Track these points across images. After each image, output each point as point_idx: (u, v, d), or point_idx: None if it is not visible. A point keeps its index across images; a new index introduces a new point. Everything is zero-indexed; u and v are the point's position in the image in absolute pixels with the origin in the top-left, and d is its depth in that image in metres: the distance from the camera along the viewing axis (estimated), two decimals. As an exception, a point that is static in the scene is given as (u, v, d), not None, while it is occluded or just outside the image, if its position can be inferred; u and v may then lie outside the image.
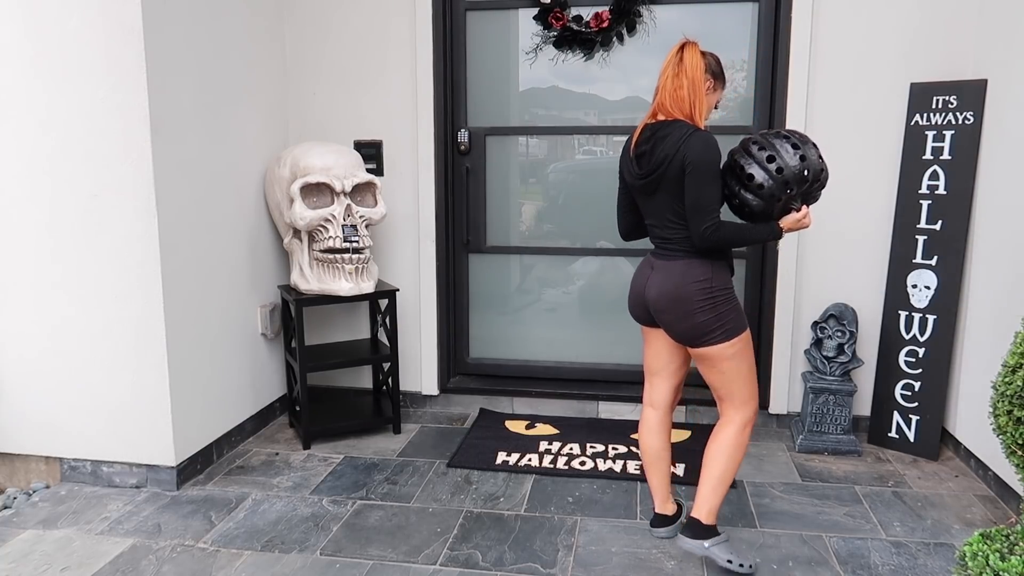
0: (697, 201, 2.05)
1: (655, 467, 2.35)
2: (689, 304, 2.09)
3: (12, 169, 2.63)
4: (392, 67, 3.38)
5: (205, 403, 2.88)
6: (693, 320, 2.09)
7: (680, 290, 2.10)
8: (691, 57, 2.11)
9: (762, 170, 2.06)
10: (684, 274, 2.10)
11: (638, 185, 2.16)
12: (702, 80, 2.12)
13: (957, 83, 2.89)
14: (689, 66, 2.10)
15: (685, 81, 2.11)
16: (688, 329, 2.11)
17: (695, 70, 2.11)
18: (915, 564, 2.25)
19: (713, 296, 2.09)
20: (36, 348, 2.73)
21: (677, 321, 2.12)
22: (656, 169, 2.08)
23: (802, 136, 2.10)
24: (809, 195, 2.14)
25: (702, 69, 2.12)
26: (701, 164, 2.03)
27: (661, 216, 2.15)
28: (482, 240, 3.59)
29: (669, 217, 2.13)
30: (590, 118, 3.45)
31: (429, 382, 3.57)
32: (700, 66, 2.11)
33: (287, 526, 2.48)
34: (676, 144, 2.05)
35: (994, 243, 2.72)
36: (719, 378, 2.17)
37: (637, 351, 3.58)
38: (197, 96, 2.78)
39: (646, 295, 2.19)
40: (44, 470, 2.83)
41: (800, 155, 2.05)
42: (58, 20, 2.51)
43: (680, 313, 2.11)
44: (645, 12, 3.28)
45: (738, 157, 2.11)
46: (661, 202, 2.13)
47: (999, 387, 1.81)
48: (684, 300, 2.09)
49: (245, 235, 3.13)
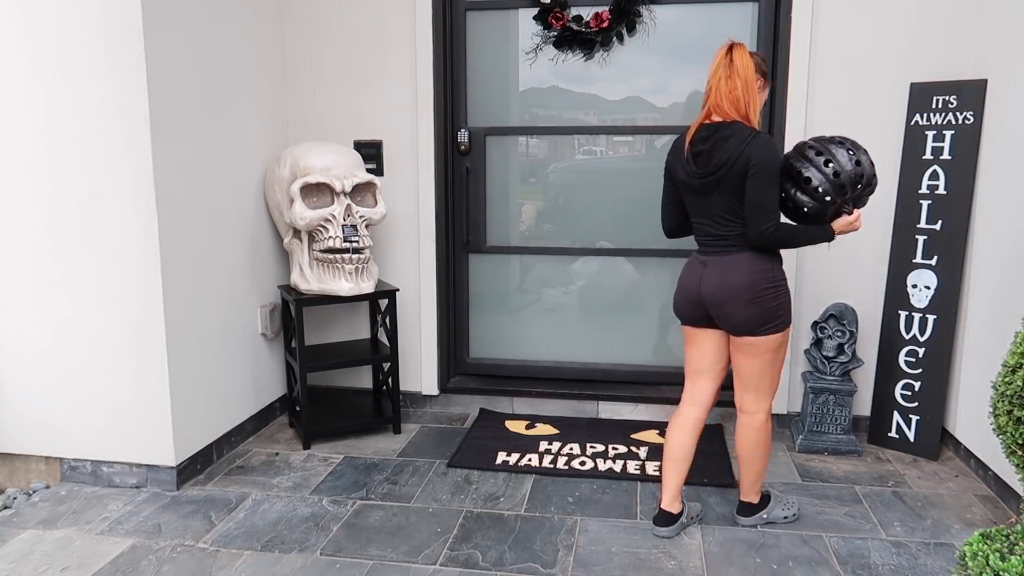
0: (760, 201, 2.13)
1: (677, 465, 2.39)
2: (754, 292, 2.18)
3: (12, 169, 2.63)
4: (392, 67, 3.38)
5: (205, 403, 2.88)
6: (758, 308, 2.19)
7: (749, 278, 2.18)
8: (741, 57, 2.18)
9: (820, 173, 2.14)
10: (751, 264, 2.20)
11: (695, 184, 2.23)
12: (754, 80, 2.19)
13: (957, 83, 2.89)
14: (740, 66, 2.17)
15: (739, 81, 2.17)
16: (751, 316, 2.20)
17: (747, 70, 2.18)
18: (915, 564, 2.25)
19: (776, 286, 2.20)
20: (36, 348, 2.73)
21: (739, 310, 2.21)
22: (718, 170, 2.17)
23: (855, 143, 2.19)
24: (860, 199, 2.22)
25: (752, 69, 2.19)
26: (765, 166, 2.11)
27: (714, 215, 2.23)
28: (482, 240, 3.59)
29: (724, 215, 2.21)
30: (590, 118, 3.45)
31: (429, 382, 3.57)
32: (751, 66, 2.19)
33: (287, 526, 2.48)
34: (739, 146, 2.13)
35: (994, 243, 2.72)
36: (759, 368, 2.28)
37: (637, 351, 3.59)
38: (197, 96, 2.78)
39: (701, 291, 2.26)
40: (44, 470, 2.83)
41: (855, 160, 2.13)
42: (58, 20, 2.51)
43: (743, 302, 2.19)
44: (645, 12, 3.28)
45: (794, 160, 2.19)
46: (717, 201, 2.21)
47: (999, 387, 1.81)
48: (750, 288, 2.18)
49: (245, 235, 3.13)
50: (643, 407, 3.43)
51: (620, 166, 3.47)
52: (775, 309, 2.20)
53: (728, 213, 2.20)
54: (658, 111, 3.38)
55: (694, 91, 3.33)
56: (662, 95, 3.36)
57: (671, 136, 3.39)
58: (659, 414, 3.41)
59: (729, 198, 2.18)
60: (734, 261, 2.20)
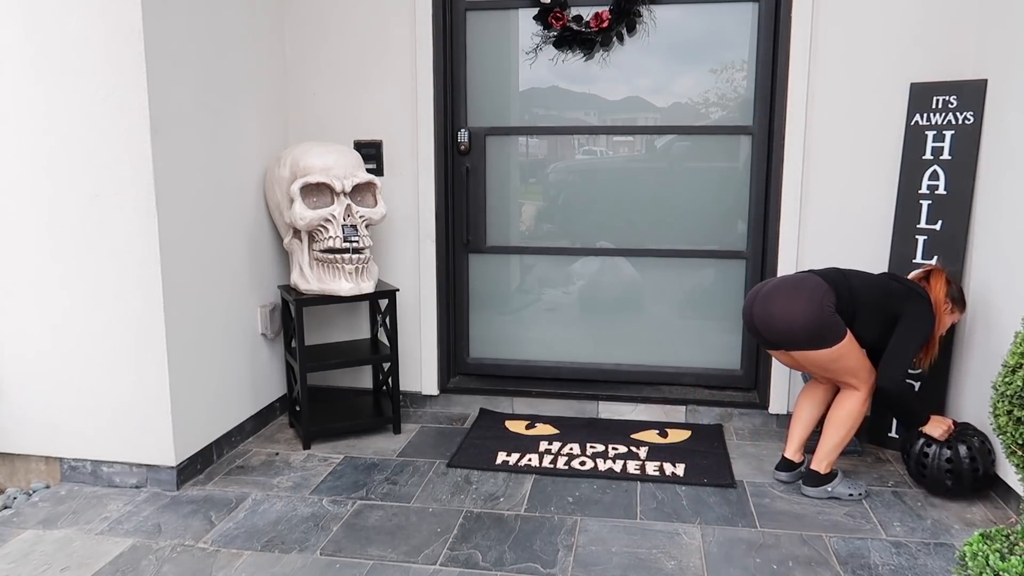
0: (903, 348, 2.54)
1: (802, 422, 2.79)
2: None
3: (12, 169, 2.63)
4: (392, 67, 3.38)
5: (205, 403, 2.88)
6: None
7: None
8: (936, 283, 2.62)
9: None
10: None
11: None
12: (942, 302, 2.61)
13: (957, 83, 2.89)
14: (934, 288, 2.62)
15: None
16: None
17: (936, 292, 2.61)
18: (915, 564, 2.25)
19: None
20: (36, 348, 2.73)
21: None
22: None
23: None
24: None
25: (943, 294, 2.61)
26: (917, 318, 2.55)
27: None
28: (482, 240, 3.59)
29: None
30: (590, 118, 3.45)
31: (429, 382, 3.57)
32: (942, 290, 2.61)
33: (287, 526, 2.48)
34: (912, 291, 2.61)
35: (994, 243, 2.72)
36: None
37: (637, 351, 3.59)
38: (197, 96, 2.78)
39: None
40: (44, 470, 2.83)
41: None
42: (58, 20, 2.51)
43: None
44: (645, 12, 3.28)
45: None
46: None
47: (999, 387, 1.81)
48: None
49: (245, 235, 3.13)
50: (643, 407, 3.43)
51: (620, 166, 3.47)
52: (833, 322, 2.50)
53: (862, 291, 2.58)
54: (658, 111, 3.38)
55: (694, 91, 3.33)
56: (662, 95, 3.36)
57: (671, 136, 3.39)
58: (659, 414, 3.41)
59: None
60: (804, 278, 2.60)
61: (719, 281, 3.46)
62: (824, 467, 2.64)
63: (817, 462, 2.65)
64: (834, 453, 2.63)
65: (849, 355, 2.50)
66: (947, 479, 2.60)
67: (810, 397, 2.79)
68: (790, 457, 2.78)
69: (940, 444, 2.61)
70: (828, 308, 2.45)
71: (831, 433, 2.62)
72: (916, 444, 2.68)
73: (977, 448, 2.58)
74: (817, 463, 2.64)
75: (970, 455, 2.57)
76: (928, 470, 2.63)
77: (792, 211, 3.15)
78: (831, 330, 2.45)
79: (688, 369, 3.54)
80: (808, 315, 2.44)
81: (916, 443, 2.69)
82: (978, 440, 2.60)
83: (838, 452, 2.63)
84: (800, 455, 2.78)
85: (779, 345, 2.55)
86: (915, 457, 2.68)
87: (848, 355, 2.50)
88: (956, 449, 2.58)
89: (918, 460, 2.67)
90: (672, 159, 3.42)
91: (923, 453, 2.65)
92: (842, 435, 2.61)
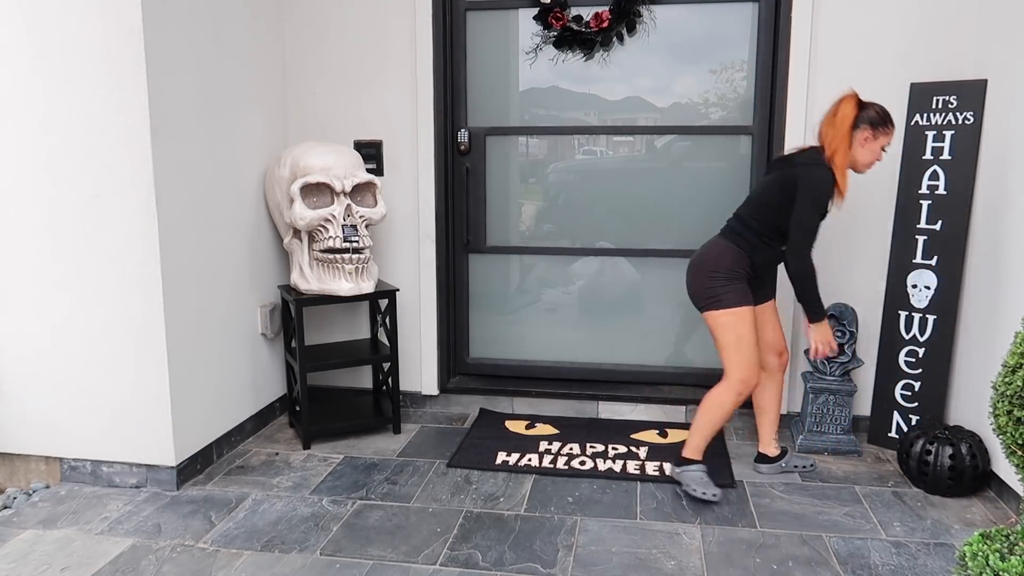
0: (800, 219, 2.48)
1: (759, 416, 2.86)
2: (701, 270, 2.62)
3: (12, 169, 2.63)
4: (392, 67, 3.38)
5: (205, 403, 2.88)
6: (697, 285, 2.62)
7: (703, 256, 2.64)
8: (844, 109, 2.49)
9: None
10: (715, 247, 2.63)
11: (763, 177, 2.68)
12: (847, 131, 2.47)
13: (957, 83, 2.89)
14: (840, 117, 2.48)
15: (831, 130, 2.49)
16: (693, 292, 2.64)
17: (844, 121, 2.47)
18: (915, 564, 2.25)
19: (720, 272, 2.57)
20: (36, 348, 2.73)
21: (689, 283, 2.70)
22: (769, 170, 2.64)
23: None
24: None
25: (849, 121, 2.47)
26: (807, 191, 2.46)
27: (744, 202, 2.70)
28: (482, 240, 3.59)
29: (745, 207, 2.65)
30: (590, 118, 3.45)
31: (429, 382, 3.57)
32: (848, 117, 2.47)
33: (287, 526, 2.48)
34: (799, 162, 2.53)
35: (994, 243, 2.72)
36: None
37: (637, 351, 3.59)
38: (197, 96, 2.78)
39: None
40: (44, 470, 2.83)
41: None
42: (58, 20, 2.51)
43: (692, 276, 2.66)
44: (645, 12, 3.28)
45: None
46: (753, 194, 2.67)
47: (999, 387, 1.81)
48: (699, 265, 2.63)
49: (245, 235, 3.13)
50: (643, 407, 3.43)
51: (620, 166, 3.47)
52: (708, 290, 2.55)
53: (748, 206, 2.59)
54: (658, 111, 3.38)
55: (694, 91, 3.33)
56: (662, 95, 3.36)
57: (671, 136, 3.40)
58: (659, 414, 3.41)
59: (761, 196, 2.57)
60: (711, 241, 2.63)
61: (719, 281, 3.45)
62: (687, 451, 2.66)
63: (685, 445, 2.67)
64: (694, 437, 2.64)
65: (719, 328, 2.54)
66: (949, 478, 2.63)
67: (759, 388, 2.82)
68: (763, 451, 2.87)
69: (942, 443, 2.64)
70: (719, 272, 2.53)
71: (696, 417, 2.65)
72: (917, 445, 2.70)
73: (976, 446, 2.63)
74: (685, 446, 2.68)
75: (971, 452, 2.61)
76: (931, 468, 2.65)
77: (792, 211, 3.15)
78: (712, 293, 2.54)
79: (688, 369, 3.54)
80: (693, 275, 2.60)
81: (917, 444, 2.70)
82: (974, 440, 2.65)
83: (698, 438, 2.63)
84: (771, 447, 2.85)
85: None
86: (916, 457, 2.70)
87: (718, 327, 2.54)
88: (958, 447, 2.62)
89: (920, 460, 2.68)
90: (672, 159, 3.42)
91: (925, 451, 2.67)
92: (700, 421, 2.62)
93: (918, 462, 2.69)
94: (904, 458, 2.77)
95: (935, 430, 2.75)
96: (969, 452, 2.62)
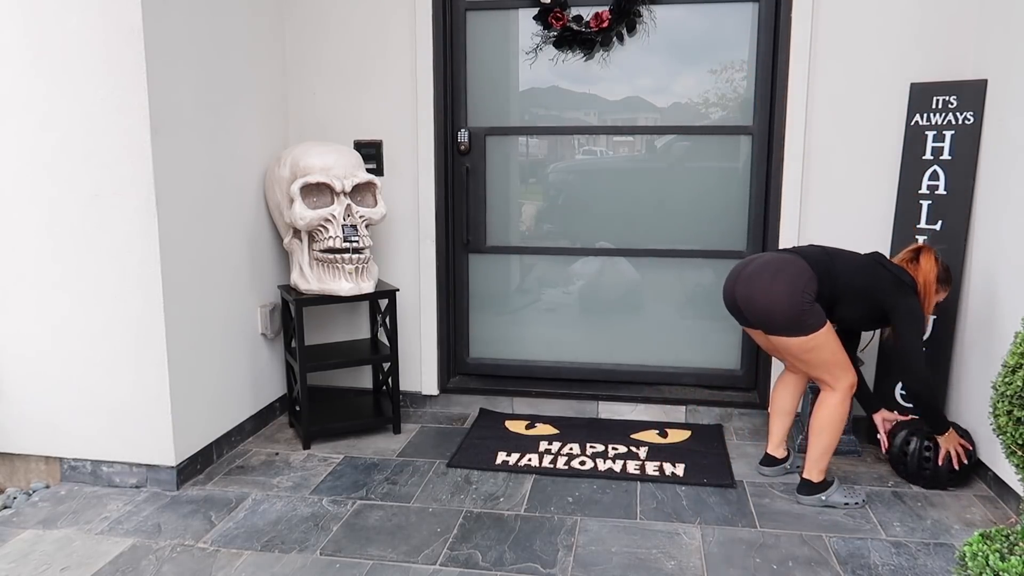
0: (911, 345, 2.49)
1: (775, 417, 2.81)
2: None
3: (12, 169, 2.63)
4: (392, 67, 3.38)
5: (205, 403, 2.88)
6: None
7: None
8: (927, 262, 2.55)
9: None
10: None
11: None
12: (932, 283, 2.54)
13: (957, 83, 2.89)
14: (924, 269, 2.54)
15: (920, 276, 2.54)
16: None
17: (928, 274, 2.53)
18: (915, 564, 2.25)
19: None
20: (36, 348, 2.73)
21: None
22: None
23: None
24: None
25: (934, 274, 2.53)
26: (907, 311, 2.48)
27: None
28: (482, 240, 3.59)
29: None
30: (590, 118, 3.45)
31: (429, 382, 3.57)
32: (933, 271, 2.53)
33: (287, 526, 2.48)
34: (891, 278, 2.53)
35: (994, 243, 2.72)
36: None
37: (637, 351, 3.59)
38: (197, 96, 2.78)
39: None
40: (44, 470, 2.83)
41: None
42: (58, 20, 2.51)
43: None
44: (645, 12, 3.28)
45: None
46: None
47: (999, 387, 1.81)
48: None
49: (245, 235, 3.13)
50: (643, 407, 3.43)
51: (620, 166, 3.47)
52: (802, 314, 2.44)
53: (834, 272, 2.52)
54: (658, 111, 3.38)
55: (694, 91, 3.33)
56: (662, 95, 3.36)
57: (671, 136, 3.39)
58: (659, 414, 3.41)
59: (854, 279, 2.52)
60: (783, 257, 2.55)
61: (719, 281, 3.46)
62: (816, 475, 2.58)
63: (808, 470, 2.59)
64: (823, 460, 2.57)
65: (824, 347, 2.44)
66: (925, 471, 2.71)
67: (783, 388, 2.78)
68: (772, 453, 2.82)
69: (923, 438, 2.70)
70: (808, 296, 2.40)
71: (815, 440, 2.56)
72: (898, 436, 2.78)
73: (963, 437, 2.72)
74: (808, 471, 2.59)
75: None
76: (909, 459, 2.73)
77: (792, 211, 3.15)
78: (808, 318, 2.40)
79: (688, 369, 3.54)
80: (787, 300, 2.40)
81: (898, 435, 2.78)
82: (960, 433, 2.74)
83: (827, 458, 2.57)
84: (781, 450, 2.81)
85: (757, 326, 2.54)
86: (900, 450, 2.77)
87: (823, 347, 2.44)
88: (935, 440, 2.69)
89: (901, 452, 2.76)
90: (672, 159, 3.42)
91: (905, 442, 2.74)
92: (826, 440, 2.55)
93: (899, 452, 2.77)
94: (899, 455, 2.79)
95: (918, 423, 2.79)
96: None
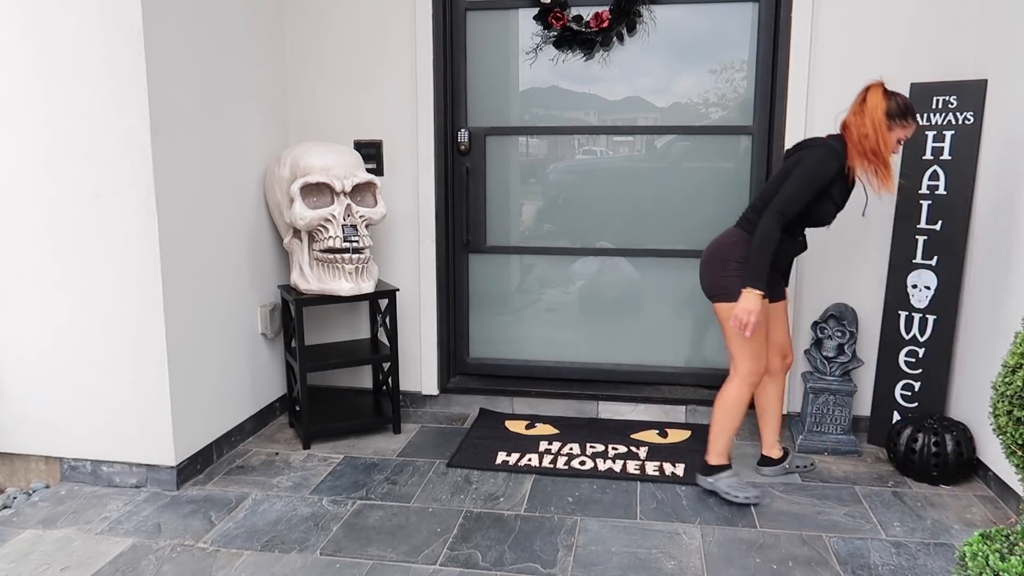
0: (789, 191, 2.42)
1: (760, 417, 2.82)
2: (715, 260, 2.56)
3: (12, 169, 2.63)
4: (392, 67, 3.38)
5: (205, 403, 2.88)
6: (712, 275, 2.56)
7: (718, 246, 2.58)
8: (873, 98, 2.42)
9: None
10: (729, 235, 2.57)
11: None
12: (881, 121, 2.41)
13: (957, 83, 2.89)
14: (870, 107, 2.41)
15: (866, 119, 2.41)
16: (707, 282, 2.58)
17: (875, 110, 2.40)
18: (915, 564, 2.25)
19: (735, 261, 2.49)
20: (36, 348, 2.73)
21: (703, 273, 2.61)
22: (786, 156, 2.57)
23: None
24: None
25: (882, 110, 2.40)
26: (808, 165, 2.41)
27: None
28: (482, 240, 3.59)
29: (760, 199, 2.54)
30: (590, 118, 3.45)
31: (429, 382, 3.57)
32: (880, 106, 2.40)
33: (287, 526, 2.48)
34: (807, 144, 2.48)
35: (994, 243, 2.72)
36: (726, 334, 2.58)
37: (637, 351, 3.59)
38: (197, 96, 2.78)
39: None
40: (44, 470, 2.83)
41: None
42: (58, 20, 2.51)
43: (705, 266, 2.59)
44: (645, 12, 3.28)
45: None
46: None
47: (999, 387, 1.81)
48: (714, 254, 2.57)
49: (245, 235, 3.13)
50: (643, 407, 3.43)
51: (620, 166, 3.47)
52: (721, 279, 2.50)
53: (763, 196, 2.50)
54: (658, 111, 3.38)
55: (694, 91, 3.33)
56: (662, 95, 3.36)
57: (671, 136, 3.40)
58: (659, 414, 3.42)
59: (774, 183, 2.49)
60: (727, 230, 2.57)
61: (719, 281, 3.45)
62: (712, 457, 2.64)
63: (707, 451, 2.65)
64: (717, 441, 2.61)
65: (730, 320, 2.47)
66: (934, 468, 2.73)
67: (760, 388, 2.77)
68: (766, 454, 2.85)
69: (927, 432, 2.73)
70: (732, 264, 2.47)
71: (712, 422, 2.62)
72: (904, 433, 2.80)
73: (961, 434, 2.75)
74: (707, 452, 2.65)
75: (955, 439, 2.73)
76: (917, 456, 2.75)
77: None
78: (719, 283, 2.51)
79: (688, 369, 3.54)
80: (708, 266, 2.55)
81: (904, 432, 2.80)
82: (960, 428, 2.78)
83: (721, 440, 2.61)
84: (776, 450, 2.84)
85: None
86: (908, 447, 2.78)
87: (729, 319, 2.48)
88: (942, 436, 2.72)
89: (908, 448, 2.77)
90: (672, 159, 3.42)
91: (912, 439, 2.76)
92: (719, 422, 2.59)
93: (906, 449, 2.79)
94: (891, 446, 2.84)
95: (923, 420, 2.82)
96: (954, 440, 2.72)
